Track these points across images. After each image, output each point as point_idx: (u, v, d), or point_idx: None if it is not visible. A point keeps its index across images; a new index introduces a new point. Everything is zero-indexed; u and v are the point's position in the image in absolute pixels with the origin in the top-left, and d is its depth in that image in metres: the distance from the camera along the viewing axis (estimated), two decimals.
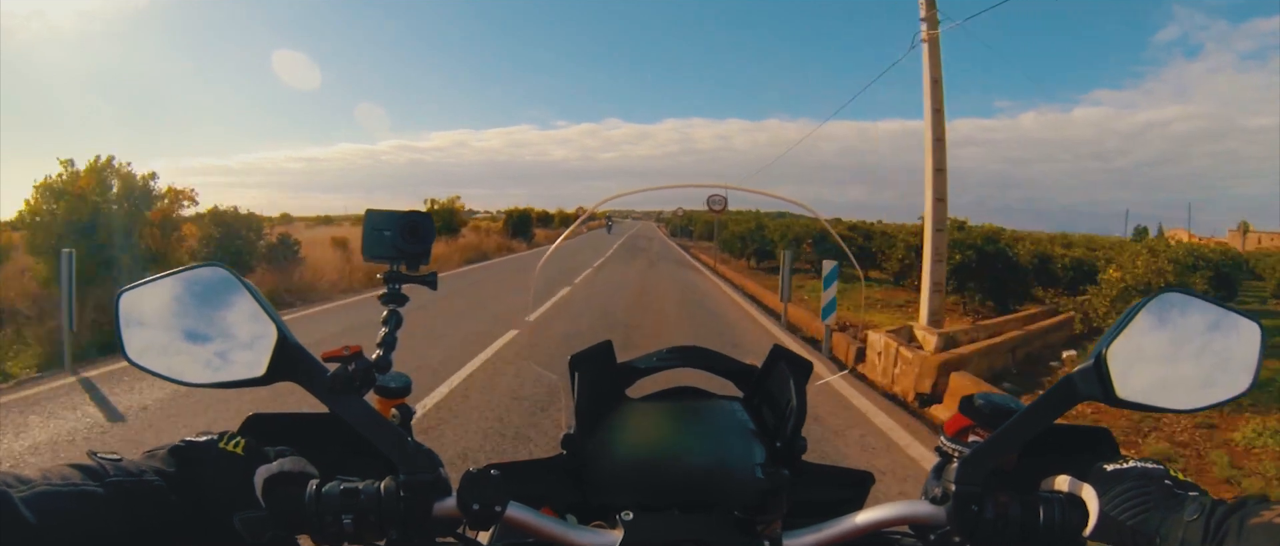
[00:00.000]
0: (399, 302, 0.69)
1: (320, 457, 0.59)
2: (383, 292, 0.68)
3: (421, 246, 0.69)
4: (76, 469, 0.46)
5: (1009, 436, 0.54)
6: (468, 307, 9.29)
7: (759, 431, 0.73)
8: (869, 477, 0.73)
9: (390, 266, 0.69)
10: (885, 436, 4.26)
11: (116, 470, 0.47)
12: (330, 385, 0.54)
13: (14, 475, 0.43)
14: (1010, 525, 0.52)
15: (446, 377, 5.22)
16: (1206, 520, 0.45)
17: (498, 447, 3.79)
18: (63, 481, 0.44)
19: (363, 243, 0.69)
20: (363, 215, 0.69)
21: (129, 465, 0.49)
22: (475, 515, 0.52)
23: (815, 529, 0.56)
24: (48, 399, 4.85)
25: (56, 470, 0.45)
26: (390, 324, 0.68)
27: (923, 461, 3.77)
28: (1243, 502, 0.45)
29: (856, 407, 4.88)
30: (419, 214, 0.69)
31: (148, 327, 0.55)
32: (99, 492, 0.45)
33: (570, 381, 0.71)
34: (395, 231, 0.68)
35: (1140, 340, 0.55)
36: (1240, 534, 0.43)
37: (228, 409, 4.24)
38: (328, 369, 0.55)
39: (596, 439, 0.71)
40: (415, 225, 0.69)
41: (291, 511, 0.53)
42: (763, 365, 0.78)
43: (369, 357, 0.59)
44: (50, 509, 0.42)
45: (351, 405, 0.54)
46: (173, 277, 0.56)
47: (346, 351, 0.64)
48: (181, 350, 0.55)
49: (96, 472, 0.46)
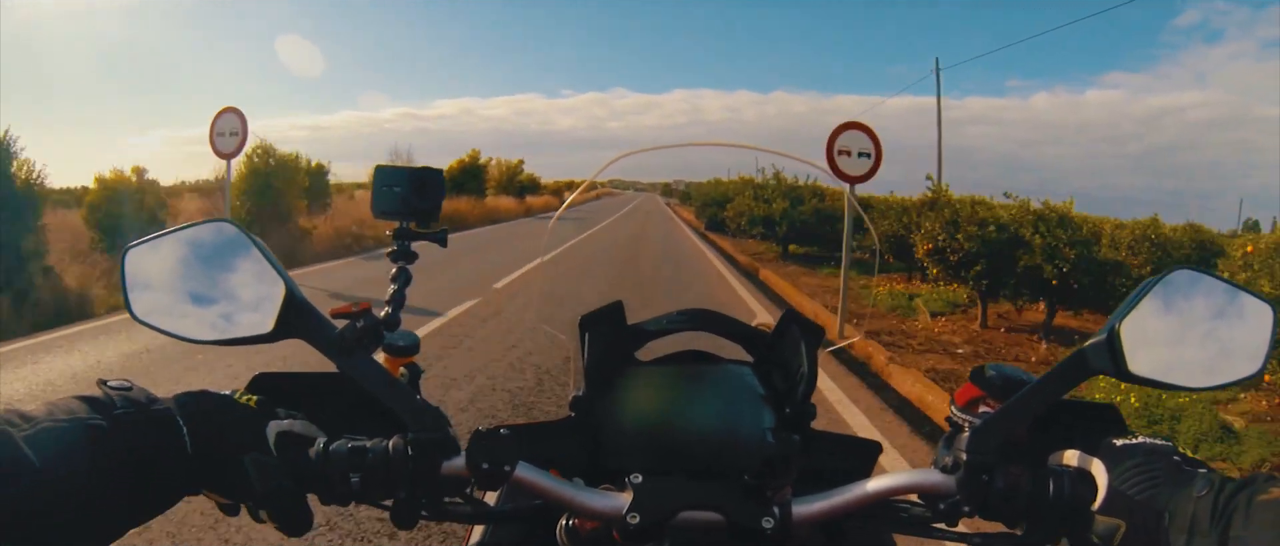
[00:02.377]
0: (408, 259, 0.68)
1: (327, 418, 0.59)
2: (391, 250, 0.67)
3: (431, 203, 0.67)
4: (83, 401, 0.46)
5: (1020, 408, 0.54)
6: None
7: (769, 396, 0.73)
8: (876, 447, 0.73)
9: (400, 223, 0.68)
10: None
11: (124, 400, 0.47)
12: (338, 343, 0.54)
13: (17, 412, 0.42)
14: (1019, 497, 0.53)
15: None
16: (1215, 496, 0.45)
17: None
18: (68, 416, 0.44)
19: (372, 199, 0.68)
20: (372, 173, 0.68)
21: (138, 394, 0.48)
22: (484, 474, 0.52)
23: (825, 496, 0.57)
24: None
25: (62, 403, 0.45)
26: (399, 281, 0.67)
27: None
28: (1252, 479, 0.45)
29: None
30: (429, 170, 0.67)
31: (154, 284, 0.54)
32: (104, 425, 0.44)
33: (580, 343, 0.71)
34: (405, 187, 0.67)
35: (1153, 317, 0.54)
36: (1249, 510, 0.43)
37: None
38: (336, 326, 0.54)
39: (606, 401, 0.71)
40: (425, 181, 0.67)
41: (299, 468, 0.53)
42: (774, 329, 0.78)
43: (377, 315, 0.58)
44: (53, 446, 0.41)
45: (360, 363, 0.54)
46: (180, 233, 0.55)
47: (355, 308, 0.63)
48: (188, 307, 0.54)
49: (103, 404, 0.46)
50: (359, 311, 0.59)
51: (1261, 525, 0.42)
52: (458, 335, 5.37)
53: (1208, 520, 0.44)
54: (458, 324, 5.77)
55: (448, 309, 6.22)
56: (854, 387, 4.48)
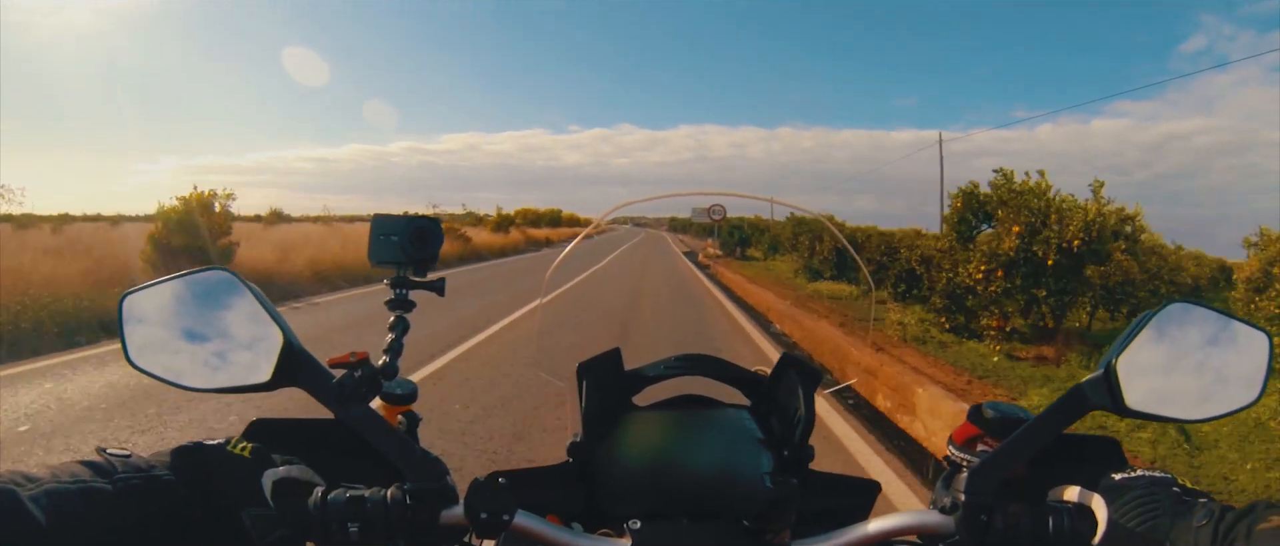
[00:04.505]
0: (406, 309, 0.68)
1: (324, 463, 0.59)
2: (389, 298, 0.68)
3: (429, 252, 0.68)
4: (85, 466, 0.46)
5: (1018, 446, 0.54)
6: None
7: (767, 439, 0.72)
8: (875, 486, 0.73)
9: (397, 271, 0.68)
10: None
11: (125, 467, 0.47)
12: (336, 392, 0.54)
13: (21, 473, 0.43)
14: (1020, 535, 0.52)
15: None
16: (1215, 526, 0.45)
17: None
18: (71, 479, 0.44)
19: (369, 247, 0.68)
20: (361, 215, 0.69)
21: (138, 461, 0.49)
22: (482, 524, 0.52)
23: (824, 538, 0.56)
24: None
25: (65, 467, 0.45)
26: (396, 330, 0.67)
27: None
28: (1251, 508, 0.45)
29: None
30: (427, 218, 0.68)
31: (151, 331, 0.55)
32: (107, 490, 0.45)
33: (577, 388, 0.71)
34: (402, 236, 0.68)
35: (1149, 351, 0.55)
36: (1249, 539, 0.43)
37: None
38: (333, 375, 0.55)
39: (604, 446, 0.70)
40: (423, 230, 0.68)
41: (298, 516, 0.53)
42: (772, 372, 0.78)
43: (375, 364, 0.58)
44: (58, 507, 0.42)
45: (358, 412, 0.54)
46: (177, 280, 0.55)
47: (353, 357, 0.63)
48: (185, 354, 0.54)
49: (105, 470, 0.46)
50: (357, 361, 0.59)
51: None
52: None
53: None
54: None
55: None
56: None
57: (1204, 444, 3.73)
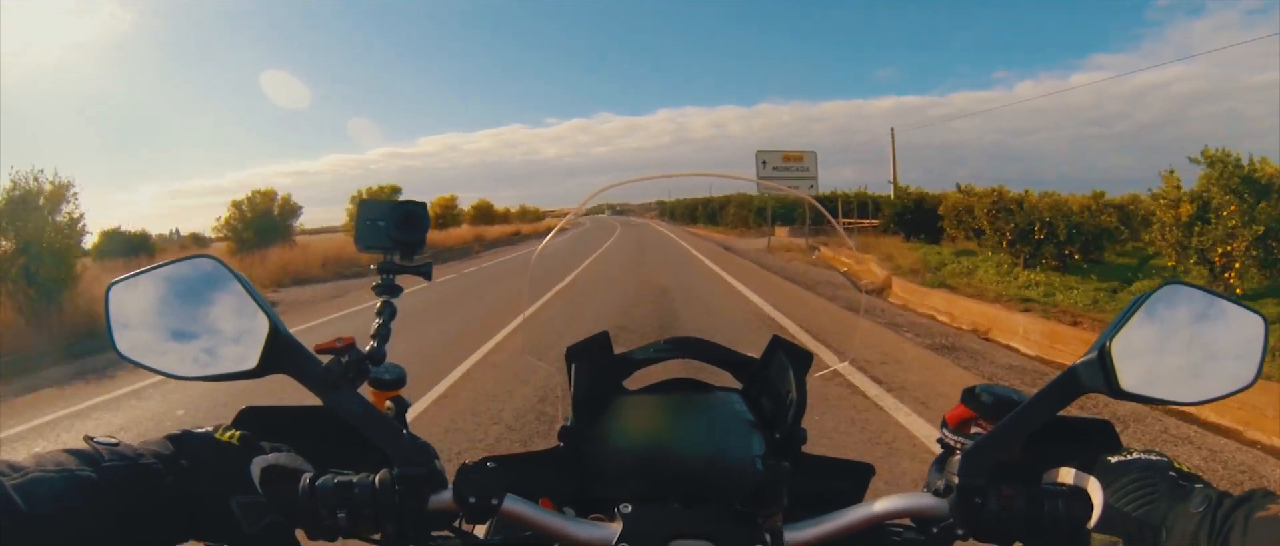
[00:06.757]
0: (392, 293, 0.68)
1: (313, 450, 0.59)
2: (377, 283, 0.67)
3: (416, 236, 0.68)
4: (71, 454, 0.46)
5: (1012, 428, 0.54)
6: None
7: (758, 423, 0.72)
8: (869, 469, 0.72)
9: (384, 256, 0.68)
10: None
11: (112, 455, 0.47)
12: (323, 378, 0.53)
13: (6, 462, 0.43)
14: (1014, 518, 0.52)
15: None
16: (1212, 512, 0.44)
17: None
18: (56, 467, 0.44)
19: (356, 232, 0.68)
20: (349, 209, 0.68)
21: (125, 450, 0.48)
22: (471, 508, 0.52)
23: (816, 521, 0.56)
24: None
25: (51, 456, 0.45)
26: (384, 315, 0.67)
27: None
28: (1249, 496, 0.44)
29: None
30: (414, 203, 0.68)
31: (138, 320, 0.54)
32: (93, 478, 0.45)
33: (567, 373, 0.71)
34: (389, 221, 0.67)
35: (1144, 332, 0.54)
36: (1246, 527, 0.42)
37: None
38: (320, 361, 0.54)
39: (594, 431, 0.70)
40: (410, 215, 0.68)
41: (286, 503, 0.53)
42: (762, 356, 0.77)
43: (362, 349, 0.58)
44: (43, 495, 0.42)
45: (345, 398, 0.54)
46: (164, 269, 0.55)
47: (339, 343, 0.63)
48: (171, 343, 0.54)
49: (91, 458, 0.46)
50: (343, 346, 0.59)
51: (1259, 542, 0.41)
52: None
53: (1205, 536, 0.43)
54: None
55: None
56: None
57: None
